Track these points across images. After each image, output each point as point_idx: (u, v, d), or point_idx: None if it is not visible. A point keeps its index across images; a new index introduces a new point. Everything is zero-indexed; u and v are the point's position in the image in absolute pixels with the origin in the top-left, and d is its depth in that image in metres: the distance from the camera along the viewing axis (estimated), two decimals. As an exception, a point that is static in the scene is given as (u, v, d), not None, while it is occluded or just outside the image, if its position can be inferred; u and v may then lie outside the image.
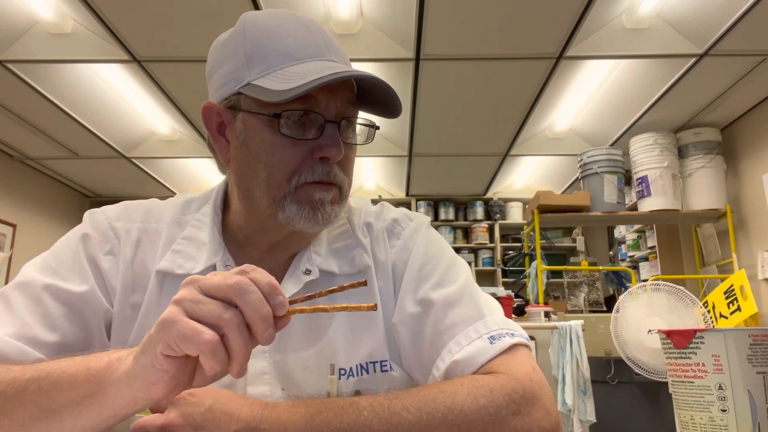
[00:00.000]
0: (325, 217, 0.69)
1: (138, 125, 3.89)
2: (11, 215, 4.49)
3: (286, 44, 0.68)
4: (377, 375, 0.72)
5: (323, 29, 0.72)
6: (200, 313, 0.48)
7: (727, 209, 3.63)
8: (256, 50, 0.68)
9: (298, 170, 0.68)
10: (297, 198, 0.68)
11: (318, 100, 0.67)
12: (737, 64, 3.03)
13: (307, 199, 0.68)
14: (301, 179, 0.68)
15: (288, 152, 0.67)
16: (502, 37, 2.79)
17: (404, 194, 5.63)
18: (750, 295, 2.47)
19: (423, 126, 3.88)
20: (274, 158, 0.68)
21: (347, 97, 0.69)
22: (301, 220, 0.68)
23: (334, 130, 0.68)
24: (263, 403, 0.58)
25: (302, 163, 0.68)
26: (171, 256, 0.73)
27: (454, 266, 0.77)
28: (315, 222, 0.68)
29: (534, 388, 0.64)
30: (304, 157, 0.68)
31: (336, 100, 0.68)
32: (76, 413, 0.53)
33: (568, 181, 5.08)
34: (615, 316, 2.32)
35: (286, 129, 0.67)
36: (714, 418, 0.69)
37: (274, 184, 0.68)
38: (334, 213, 0.70)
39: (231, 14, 2.60)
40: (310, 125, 0.68)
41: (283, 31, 0.69)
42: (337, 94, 0.68)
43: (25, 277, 0.69)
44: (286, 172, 0.68)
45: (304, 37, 0.69)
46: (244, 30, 0.70)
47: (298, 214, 0.68)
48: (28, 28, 2.77)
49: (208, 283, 0.50)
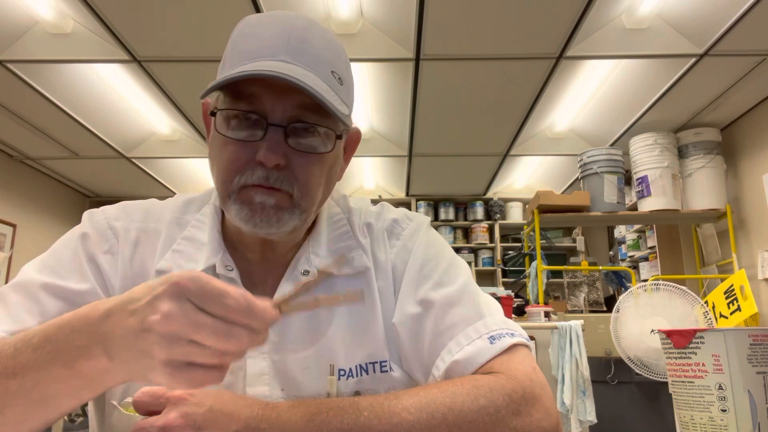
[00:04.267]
0: (266, 221, 0.66)
1: (138, 125, 3.88)
2: (11, 215, 4.49)
3: (251, 44, 0.67)
4: (377, 375, 0.72)
5: (303, 28, 0.68)
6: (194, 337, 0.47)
7: (727, 209, 3.62)
8: (229, 51, 0.69)
9: (241, 171, 0.66)
10: (239, 198, 0.67)
11: (263, 101, 0.65)
12: (737, 64, 3.03)
13: (247, 200, 0.67)
14: (242, 180, 0.66)
15: (232, 152, 0.67)
16: (502, 37, 2.79)
17: (404, 194, 5.63)
18: (750, 295, 2.47)
19: (423, 126, 3.88)
20: (222, 156, 0.68)
21: (300, 101, 0.65)
22: (241, 221, 0.67)
23: (277, 134, 0.65)
24: (263, 404, 0.58)
25: (246, 165, 0.66)
26: (171, 256, 0.73)
27: (454, 266, 0.77)
28: (253, 224, 0.66)
29: (534, 388, 0.64)
30: (249, 158, 0.66)
31: (284, 103, 0.65)
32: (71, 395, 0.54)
33: (568, 181, 5.08)
34: (615, 315, 2.32)
35: (224, 128, 0.67)
36: (714, 418, 0.69)
37: (220, 181, 0.68)
38: (280, 219, 0.67)
39: (231, 14, 2.60)
40: (256, 127, 0.66)
41: (257, 32, 0.68)
42: (285, 98, 0.65)
43: (23, 276, 0.69)
44: (230, 171, 0.67)
45: (269, 38, 0.67)
46: (233, 31, 0.71)
47: (238, 215, 0.67)
48: (28, 28, 2.77)
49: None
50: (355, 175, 5.05)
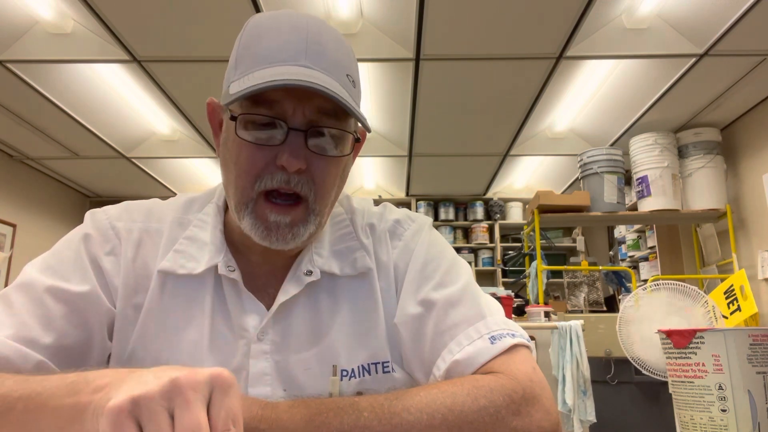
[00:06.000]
0: (281, 239, 0.68)
1: (138, 125, 3.88)
2: (11, 215, 4.49)
3: (268, 47, 0.67)
4: (379, 376, 0.73)
5: (317, 30, 0.69)
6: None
7: (727, 209, 3.63)
8: (242, 53, 0.69)
9: (261, 175, 0.67)
10: (255, 211, 0.67)
11: (284, 106, 0.66)
12: (737, 64, 3.03)
13: (263, 217, 0.67)
14: (262, 185, 0.67)
15: (252, 156, 0.67)
16: (502, 37, 2.79)
17: (404, 194, 5.63)
18: (750, 295, 2.48)
19: (423, 126, 3.88)
20: (241, 159, 0.68)
21: (319, 105, 0.66)
22: (256, 236, 0.68)
23: (298, 138, 0.66)
24: (263, 403, 0.58)
25: (265, 169, 0.67)
26: (173, 256, 0.73)
27: (456, 267, 0.77)
28: (269, 242, 0.68)
29: (534, 388, 0.64)
30: (268, 162, 0.66)
31: (304, 108, 0.66)
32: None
33: (568, 181, 5.08)
34: (622, 316, 2.30)
35: (245, 133, 0.67)
36: (714, 418, 0.69)
37: (240, 185, 0.68)
38: (296, 235, 0.68)
39: (231, 14, 2.60)
40: (276, 132, 0.66)
41: (271, 34, 0.68)
42: (304, 102, 0.65)
43: (26, 277, 0.69)
44: (251, 175, 0.67)
45: (287, 40, 0.67)
46: (242, 32, 0.71)
47: (253, 230, 0.68)
48: (28, 28, 2.77)
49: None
50: (355, 175, 5.05)
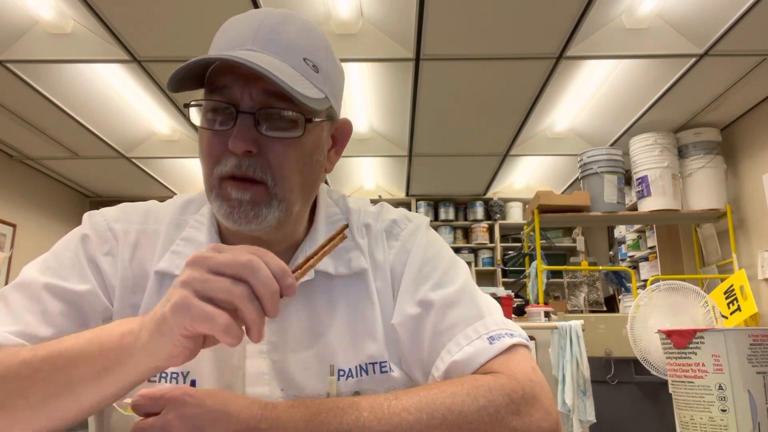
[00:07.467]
0: (244, 217, 0.67)
1: (138, 125, 3.88)
2: (11, 215, 4.49)
3: (225, 37, 0.70)
4: (377, 376, 0.72)
5: (277, 21, 0.69)
6: (211, 292, 0.51)
7: (727, 209, 3.62)
8: (211, 45, 0.72)
9: (219, 160, 0.67)
10: (220, 194, 0.68)
11: (233, 91, 0.66)
12: (737, 64, 3.03)
13: (225, 197, 0.67)
14: (218, 171, 0.67)
15: (209, 142, 0.68)
16: (502, 37, 2.79)
17: (404, 194, 5.63)
18: (750, 295, 2.47)
19: (423, 126, 3.88)
20: (202, 147, 0.69)
21: (264, 87, 0.65)
22: (222, 217, 0.68)
23: (246, 120, 0.65)
24: (262, 403, 0.58)
25: (222, 154, 0.67)
26: (169, 257, 0.73)
27: (453, 267, 0.77)
28: (233, 220, 0.67)
29: (533, 388, 0.64)
30: (224, 148, 0.67)
31: (251, 91, 0.66)
32: (95, 385, 0.55)
33: (568, 181, 5.08)
34: (633, 315, 2.27)
35: (197, 120, 0.68)
36: (714, 418, 0.69)
37: (204, 173, 0.70)
38: (258, 214, 0.67)
39: (231, 15, 2.59)
40: (227, 116, 0.67)
41: (235, 26, 0.70)
42: (251, 84, 0.65)
43: (24, 277, 0.70)
44: (210, 161, 0.68)
45: (242, 30, 0.69)
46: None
47: (219, 211, 0.68)
48: (28, 28, 2.77)
49: (217, 261, 0.52)
50: (355, 175, 5.05)
